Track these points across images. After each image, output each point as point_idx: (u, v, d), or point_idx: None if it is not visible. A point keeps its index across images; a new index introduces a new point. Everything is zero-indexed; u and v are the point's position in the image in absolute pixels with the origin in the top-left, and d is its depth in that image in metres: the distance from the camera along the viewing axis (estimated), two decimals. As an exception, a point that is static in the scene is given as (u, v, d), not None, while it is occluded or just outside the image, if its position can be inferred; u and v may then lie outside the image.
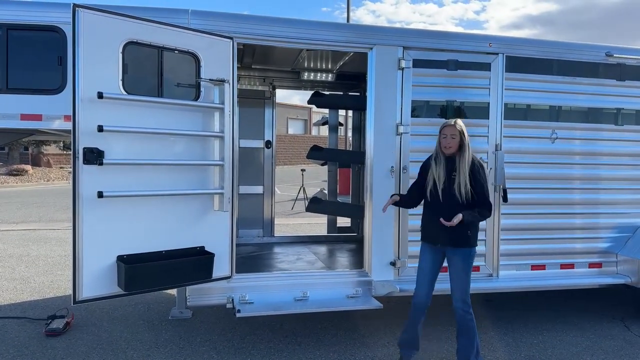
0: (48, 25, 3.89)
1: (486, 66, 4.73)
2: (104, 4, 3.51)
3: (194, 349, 4.33)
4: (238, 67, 4.49)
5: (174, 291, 5.34)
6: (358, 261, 5.35)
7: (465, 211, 3.61)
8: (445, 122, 3.78)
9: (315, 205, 6.34)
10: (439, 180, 3.71)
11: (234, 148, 4.09)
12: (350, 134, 8.25)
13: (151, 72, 3.76)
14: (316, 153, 6.08)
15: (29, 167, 24.95)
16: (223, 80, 3.95)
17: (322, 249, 6.19)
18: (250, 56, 5.74)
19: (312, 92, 6.34)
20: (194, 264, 3.88)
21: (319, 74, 6.61)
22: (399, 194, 4.28)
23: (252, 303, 4.21)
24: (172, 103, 3.83)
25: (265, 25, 4.31)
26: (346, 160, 7.14)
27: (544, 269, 4.95)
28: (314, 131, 46.19)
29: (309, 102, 6.34)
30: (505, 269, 4.84)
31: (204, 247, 3.99)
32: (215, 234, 4.06)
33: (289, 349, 4.34)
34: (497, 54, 4.74)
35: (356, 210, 6.58)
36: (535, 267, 4.93)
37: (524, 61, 4.82)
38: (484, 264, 4.79)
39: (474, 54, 4.70)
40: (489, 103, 4.74)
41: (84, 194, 3.41)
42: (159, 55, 3.76)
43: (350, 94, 6.98)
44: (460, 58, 4.66)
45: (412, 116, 4.56)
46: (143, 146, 3.69)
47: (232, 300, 4.20)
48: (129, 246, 3.63)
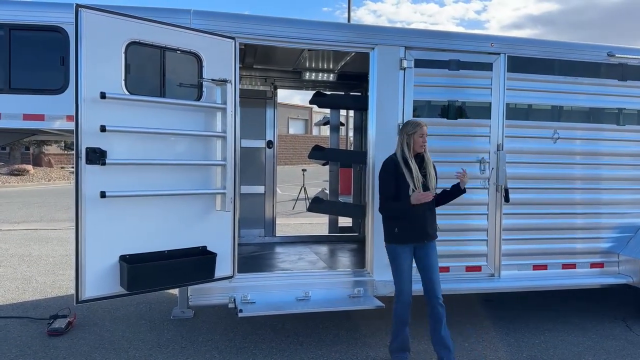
0: (50, 25, 3.90)
1: (488, 66, 4.73)
2: (106, 4, 3.52)
3: (196, 348, 4.34)
4: (240, 67, 4.49)
5: (175, 291, 5.35)
6: (359, 261, 5.36)
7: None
8: (416, 123, 3.84)
9: (316, 205, 6.34)
10: (418, 179, 3.77)
11: (236, 148, 4.10)
12: (351, 133, 8.26)
13: (153, 72, 3.76)
14: (318, 153, 6.08)
15: (30, 167, 25.01)
16: (225, 81, 3.96)
17: (324, 249, 6.19)
18: (251, 56, 5.74)
19: (314, 92, 6.35)
20: (196, 263, 3.89)
21: (321, 74, 6.62)
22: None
23: (254, 303, 4.22)
24: (175, 103, 3.83)
25: (266, 25, 4.32)
26: (347, 160, 7.15)
27: (546, 269, 4.95)
28: (315, 131, 46.20)
29: (311, 102, 6.34)
30: (507, 269, 4.84)
31: (206, 247, 4.00)
32: (217, 233, 4.06)
33: (291, 349, 4.35)
34: (499, 54, 4.74)
35: (357, 210, 6.58)
36: (537, 267, 4.93)
37: (526, 61, 4.82)
38: (486, 264, 4.79)
39: (475, 54, 4.71)
40: (490, 103, 4.74)
41: (87, 194, 3.41)
42: (162, 55, 3.76)
43: (351, 94, 6.97)
44: (462, 58, 4.67)
45: (414, 116, 4.56)
46: (145, 146, 3.69)
47: (234, 300, 4.20)
48: (131, 246, 3.64)
